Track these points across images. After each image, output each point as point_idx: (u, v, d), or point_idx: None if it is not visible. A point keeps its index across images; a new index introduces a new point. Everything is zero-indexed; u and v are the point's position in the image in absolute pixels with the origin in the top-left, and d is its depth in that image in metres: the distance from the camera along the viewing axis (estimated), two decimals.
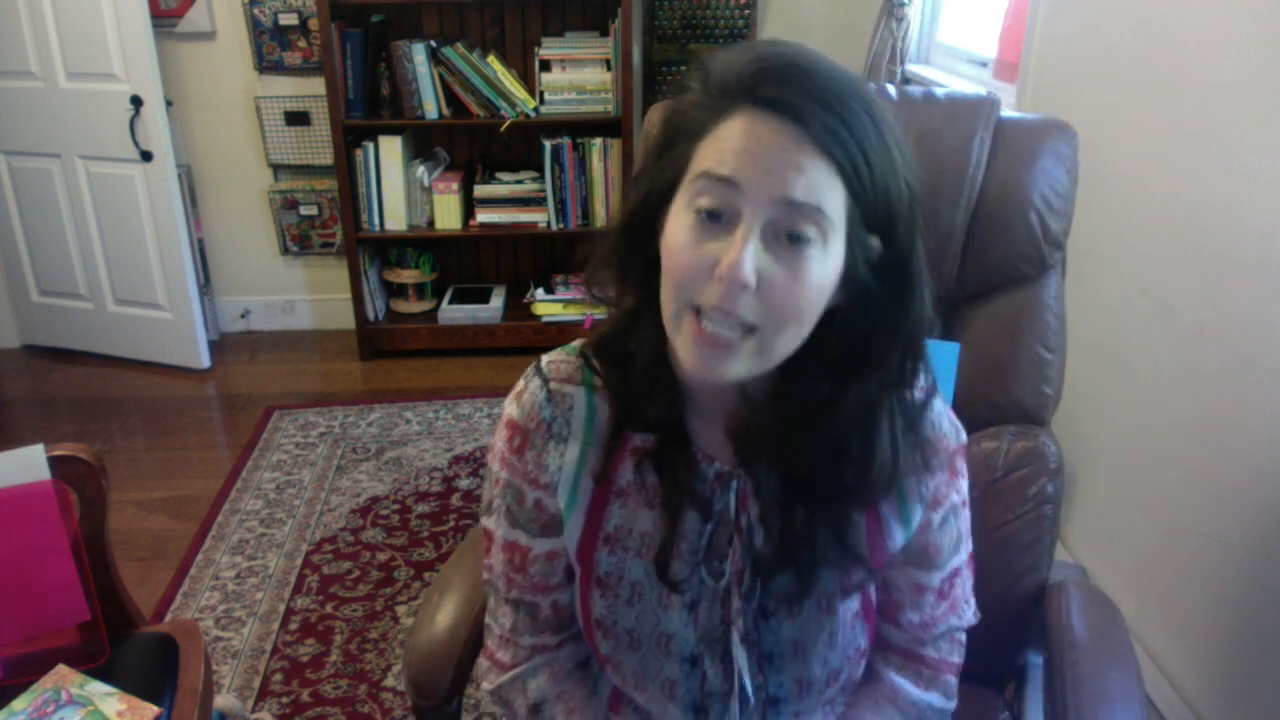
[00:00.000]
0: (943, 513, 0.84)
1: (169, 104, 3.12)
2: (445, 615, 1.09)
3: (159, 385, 3.21)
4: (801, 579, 0.80)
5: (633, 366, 0.80)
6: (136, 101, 2.92)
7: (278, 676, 1.93)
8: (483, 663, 0.95)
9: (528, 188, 3.28)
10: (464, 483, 2.61)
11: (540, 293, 3.43)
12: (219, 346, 3.47)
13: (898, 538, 0.83)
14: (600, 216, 3.29)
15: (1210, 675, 1.62)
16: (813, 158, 0.66)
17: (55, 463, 1.28)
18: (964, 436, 0.85)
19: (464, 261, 3.59)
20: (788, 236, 0.67)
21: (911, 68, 2.89)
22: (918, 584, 0.87)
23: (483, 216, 3.28)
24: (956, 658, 0.92)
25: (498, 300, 3.44)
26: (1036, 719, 1.13)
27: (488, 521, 0.90)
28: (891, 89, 1.25)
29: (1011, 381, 1.21)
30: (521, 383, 0.87)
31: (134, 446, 2.85)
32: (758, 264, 0.67)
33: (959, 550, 0.87)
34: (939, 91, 1.26)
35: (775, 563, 0.80)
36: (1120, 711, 0.97)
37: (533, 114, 3.15)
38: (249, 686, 1.91)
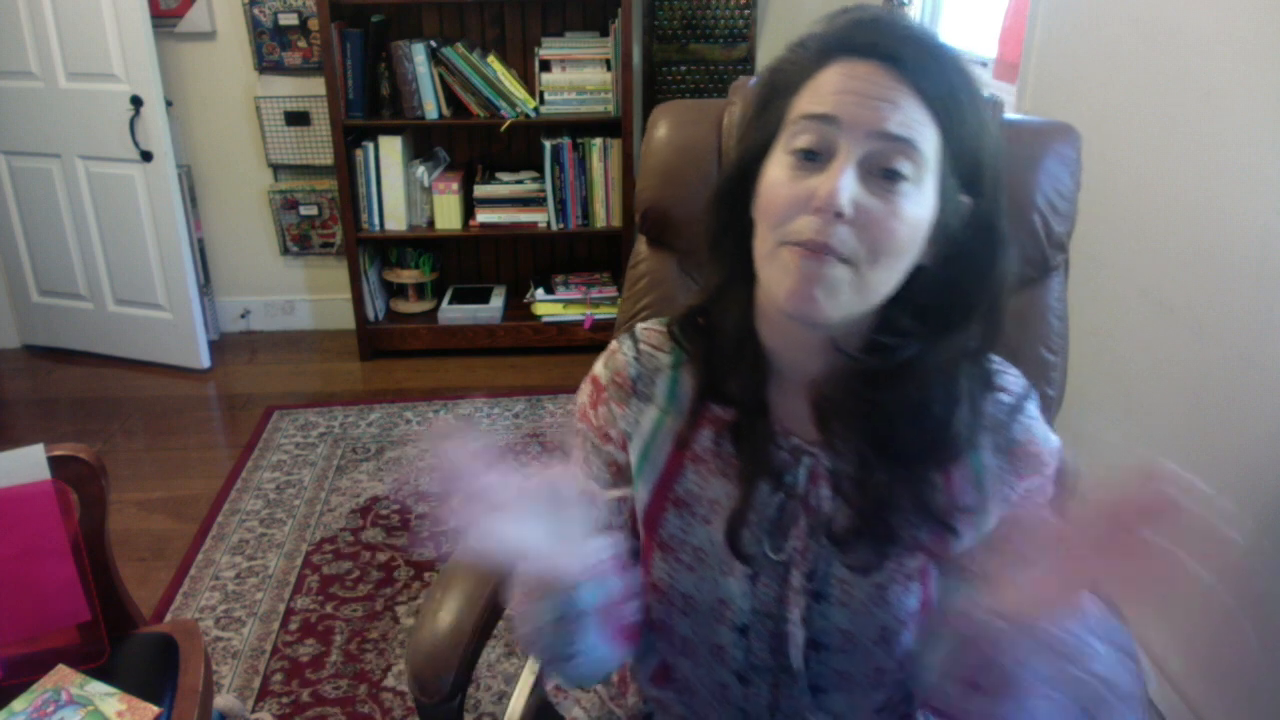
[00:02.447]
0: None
1: (169, 104, 3.12)
2: (448, 613, 1.09)
3: (159, 385, 3.21)
4: (878, 545, 0.78)
5: (718, 338, 0.81)
6: (136, 101, 2.92)
7: (278, 676, 1.93)
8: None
9: (528, 188, 3.28)
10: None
11: (540, 293, 3.43)
12: (219, 346, 3.47)
13: (966, 539, 0.80)
14: (600, 217, 3.29)
15: (1210, 675, 1.62)
16: (908, 95, 0.69)
17: (55, 463, 1.28)
18: (1057, 443, 0.82)
19: (464, 261, 3.59)
20: (883, 173, 0.69)
21: None
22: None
23: (483, 216, 3.28)
24: None
25: (498, 300, 3.44)
26: None
27: (568, 469, 0.91)
28: None
29: None
30: (614, 344, 0.90)
31: (134, 446, 2.85)
32: (855, 194, 0.68)
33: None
34: None
35: (853, 531, 0.79)
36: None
37: (533, 114, 3.15)
38: (249, 686, 1.91)
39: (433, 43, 3.09)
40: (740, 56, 3.37)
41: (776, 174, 0.72)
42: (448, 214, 3.27)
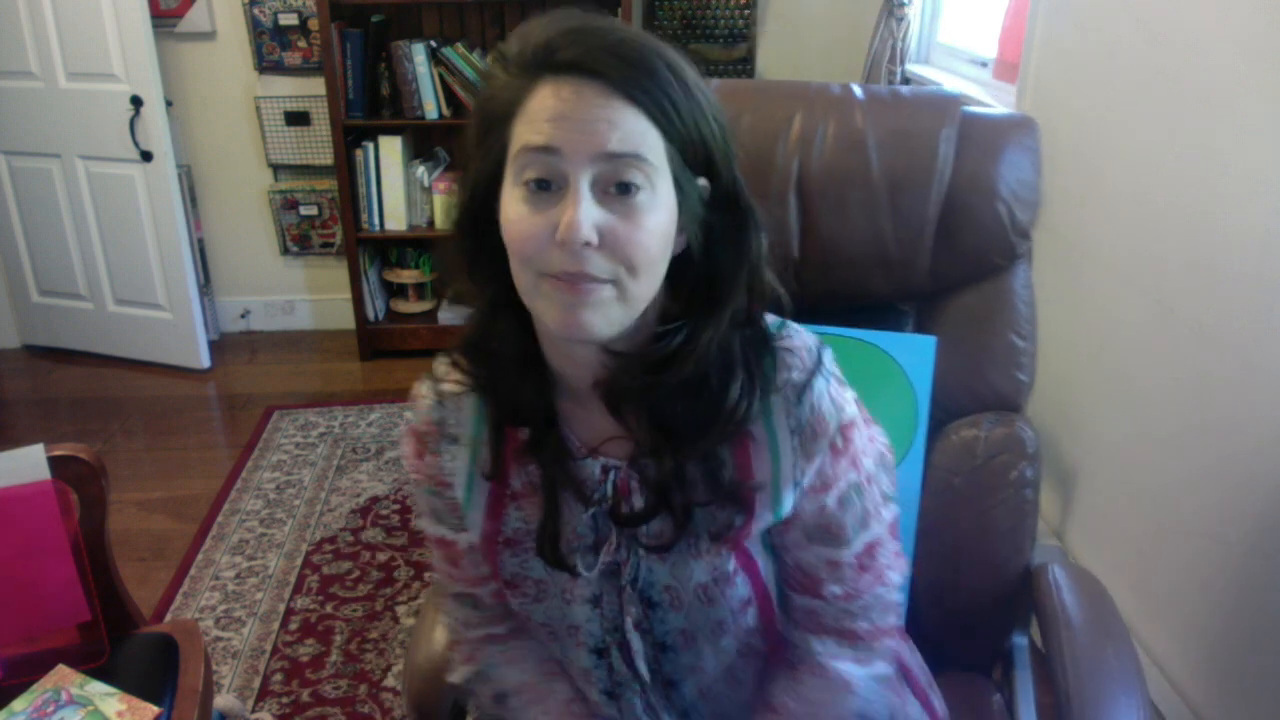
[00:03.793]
0: (838, 493, 0.82)
1: (169, 104, 3.12)
2: (444, 631, 1.07)
3: (159, 385, 3.21)
4: (675, 520, 0.80)
5: (500, 361, 0.81)
6: (136, 101, 2.92)
7: (278, 676, 1.93)
8: (451, 657, 0.99)
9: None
10: None
11: None
12: (219, 346, 3.47)
13: (766, 519, 0.82)
14: None
15: (1210, 675, 1.62)
16: (621, 109, 0.68)
17: (55, 463, 1.28)
18: (850, 412, 0.82)
19: None
20: (616, 188, 0.69)
21: (911, 68, 2.89)
22: (830, 560, 0.86)
23: None
24: (892, 619, 0.91)
25: None
26: (1027, 698, 1.15)
27: (420, 523, 0.94)
28: (857, 89, 1.27)
29: (988, 369, 1.25)
30: (417, 386, 0.89)
31: (134, 446, 2.85)
32: (595, 220, 0.68)
33: (869, 525, 0.85)
34: (904, 90, 1.31)
35: (647, 512, 0.81)
36: (1121, 683, 1.00)
37: None
38: (249, 686, 1.91)
39: (433, 43, 3.09)
40: (740, 56, 3.37)
41: (514, 209, 0.71)
42: (448, 214, 3.26)
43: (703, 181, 0.74)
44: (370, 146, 3.16)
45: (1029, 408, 1.29)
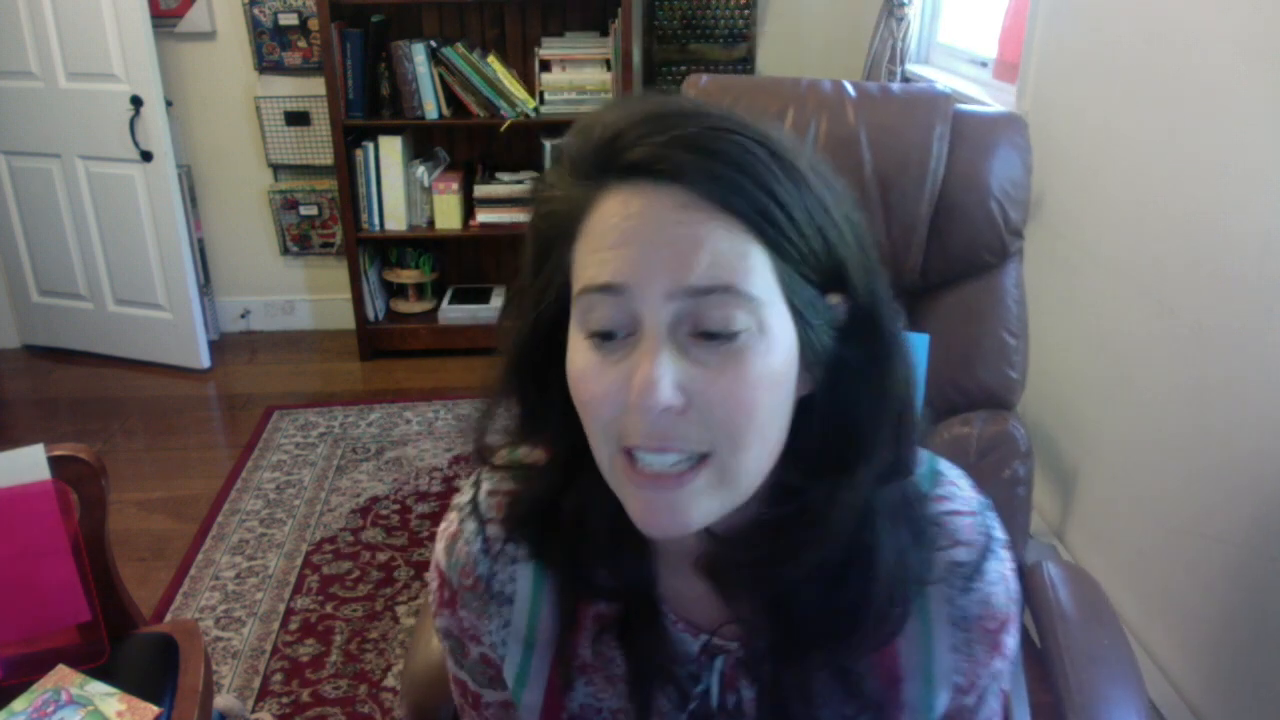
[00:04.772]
0: (980, 689, 0.66)
1: (169, 104, 3.12)
2: None
3: (159, 385, 3.21)
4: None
5: (581, 529, 0.63)
6: (136, 102, 2.92)
7: (278, 676, 1.93)
8: None
9: (528, 188, 3.28)
10: (465, 483, 2.60)
11: None
12: (219, 346, 3.47)
13: None
14: None
15: (1210, 675, 1.62)
16: (708, 221, 0.51)
17: (55, 463, 1.28)
18: (1017, 607, 0.65)
19: (464, 261, 3.59)
20: (706, 334, 0.52)
21: (911, 68, 2.89)
22: None
23: (483, 216, 3.28)
24: None
25: (498, 300, 3.44)
26: (1020, 696, 1.16)
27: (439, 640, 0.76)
28: (849, 86, 1.28)
29: (979, 367, 1.25)
30: (454, 520, 0.71)
31: (134, 446, 2.85)
32: (680, 377, 0.52)
33: (995, 716, 0.70)
34: (895, 87, 1.32)
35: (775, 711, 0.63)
36: (1118, 674, 1.01)
37: (533, 114, 3.15)
38: (249, 686, 1.91)
39: (433, 43, 3.09)
40: (740, 56, 3.37)
41: (581, 359, 0.55)
42: (448, 214, 3.26)
43: (835, 299, 0.56)
44: (370, 146, 3.16)
45: (1030, 408, 1.29)
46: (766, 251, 0.53)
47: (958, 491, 0.64)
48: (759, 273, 0.52)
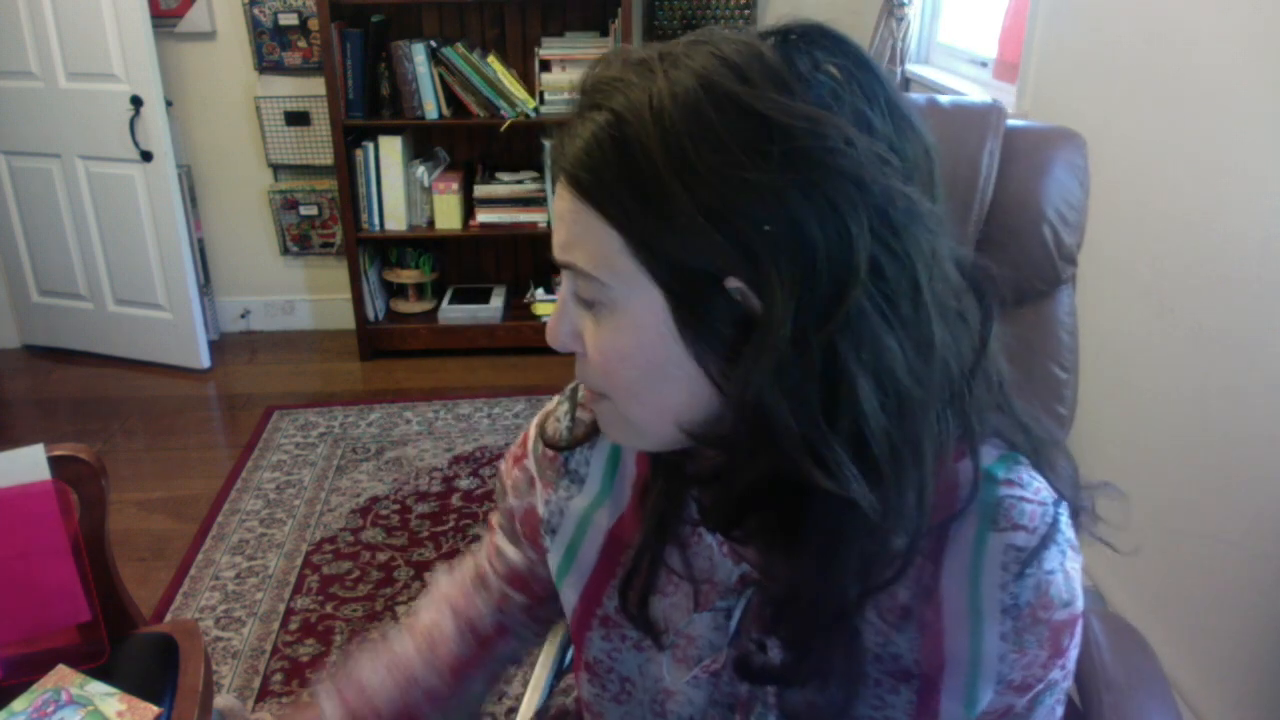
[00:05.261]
0: (1033, 695, 0.64)
1: (169, 104, 3.12)
2: None
3: (159, 385, 3.21)
4: (845, 689, 0.62)
5: None
6: (136, 101, 2.92)
7: (278, 676, 1.93)
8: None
9: (527, 188, 3.28)
10: (464, 483, 2.61)
11: (540, 293, 3.43)
12: (219, 346, 3.47)
13: (953, 716, 0.63)
14: None
15: (1211, 675, 1.62)
16: (582, 213, 0.56)
17: (55, 463, 1.28)
18: (1079, 605, 0.63)
19: (464, 261, 3.59)
20: (586, 302, 0.59)
21: (912, 68, 2.89)
22: None
23: (483, 216, 3.28)
24: None
25: (498, 300, 3.44)
26: None
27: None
28: None
29: (1025, 402, 1.18)
30: (555, 400, 0.78)
31: (134, 446, 2.85)
32: (572, 328, 0.60)
33: None
34: (942, 99, 1.21)
35: (788, 668, 0.63)
36: None
37: (533, 114, 3.15)
38: (249, 686, 1.91)
39: (433, 43, 3.09)
40: None
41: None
42: (448, 214, 3.26)
43: (734, 284, 0.54)
44: (370, 146, 3.16)
45: None
46: (618, 235, 0.55)
47: (1031, 482, 0.62)
48: (609, 258, 0.55)
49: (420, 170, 3.24)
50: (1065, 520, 0.62)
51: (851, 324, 0.52)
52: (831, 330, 0.52)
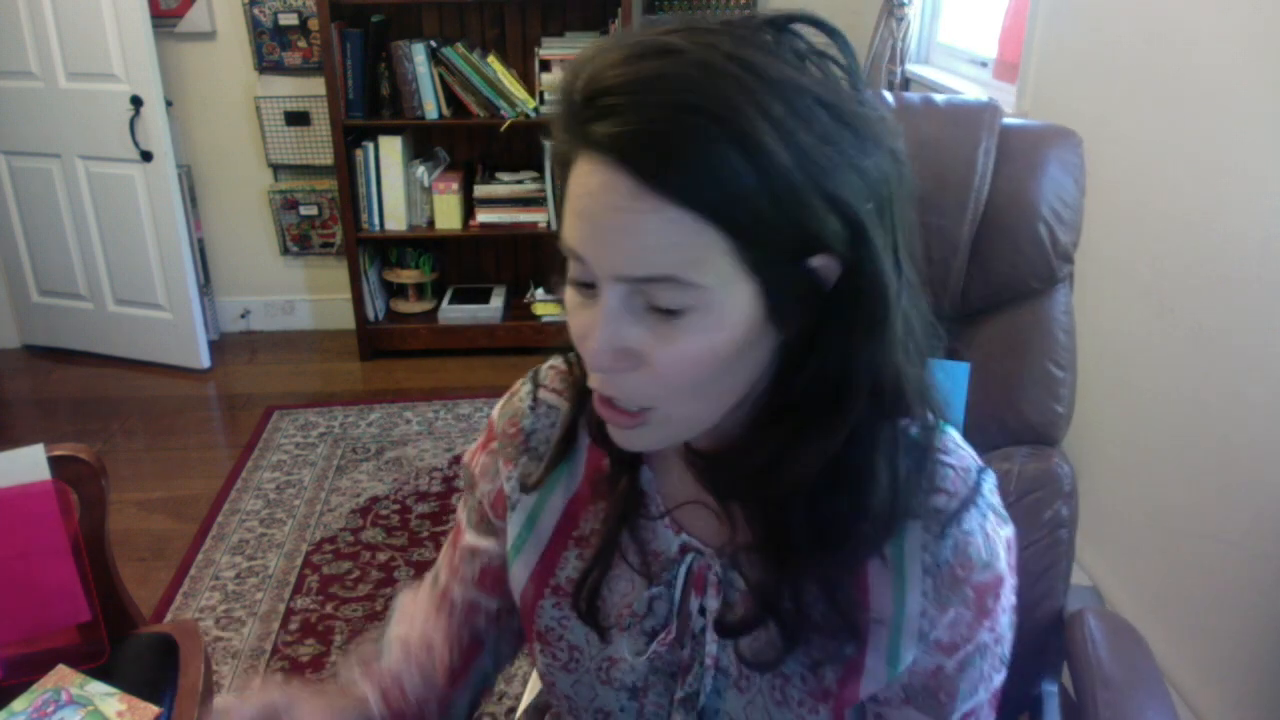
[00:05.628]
0: (962, 656, 0.66)
1: (169, 104, 3.12)
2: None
3: (159, 385, 3.21)
4: (785, 633, 0.64)
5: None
6: (136, 102, 2.92)
7: (278, 677, 1.93)
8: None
9: (527, 188, 3.28)
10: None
11: (540, 293, 3.43)
12: (219, 346, 3.47)
13: (879, 675, 0.66)
14: None
15: (1211, 675, 1.62)
16: (659, 211, 0.51)
17: (55, 463, 1.28)
18: (1003, 564, 0.65)
19: (464, 261, 3.59)
20: (654, 309, 0.55)
21: (911, 68, 2.89)
22: None
23: (483, 216, 3.28)
24: None
25: (498, 300, 3.44)
26: None
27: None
28: (889, 96, 1.23)
29: (1021, 400, 1.15)
30: (517, 384, 0.79)
31: (134, 446, 2.85)
32: (631, 339, 0.55)
33: (977, 691, 0.68)
34: (938, 98, 1.21)
35: (752, 617, 0.65)
36: None
37: (533, 114, 3.15)
38: (249, 687, 1.91)
39: (433, 43, 3.09)
40: None
41: (568, 297, 0.59)
42: (448, 214, 3.27)
43: (819, 261, 0.55)
44: (370, 146, 3.16)
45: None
46: (723, 236, 0.52)
47: (957, 449, 0.66)
48: (710, 260, 0.53)
49: (420, 170, 3.24)
50: (990, 486, 0.66)
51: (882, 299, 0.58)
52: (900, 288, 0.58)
